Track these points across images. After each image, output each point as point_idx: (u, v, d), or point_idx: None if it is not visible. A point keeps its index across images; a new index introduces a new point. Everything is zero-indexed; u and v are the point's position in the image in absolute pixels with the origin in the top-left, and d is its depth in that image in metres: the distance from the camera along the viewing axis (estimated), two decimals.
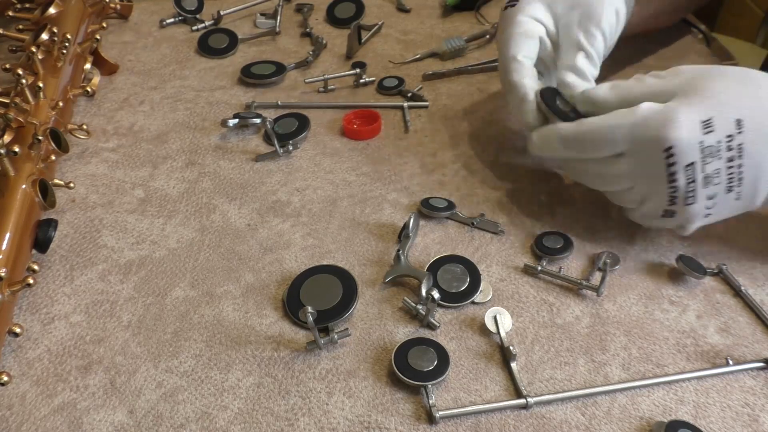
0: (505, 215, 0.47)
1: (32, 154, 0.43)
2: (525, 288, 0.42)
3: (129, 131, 0.55)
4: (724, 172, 0.38)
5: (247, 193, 0.49)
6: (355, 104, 0.57)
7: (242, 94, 0.59)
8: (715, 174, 0.38)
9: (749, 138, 0.37)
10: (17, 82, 0.46)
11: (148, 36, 0.67)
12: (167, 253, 0.44)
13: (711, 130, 0.37)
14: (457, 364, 0.38)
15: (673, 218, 0.41)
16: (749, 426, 0.35)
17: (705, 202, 0.39)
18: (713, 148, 0.37)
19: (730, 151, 0.37)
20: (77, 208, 0.47)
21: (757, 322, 0.40)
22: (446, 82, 0.61)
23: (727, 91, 0.38)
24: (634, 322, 0.40)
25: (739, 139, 0.37)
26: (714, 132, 0.37)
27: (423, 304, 0.40)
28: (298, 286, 0.41)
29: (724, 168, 0.38)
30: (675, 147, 0.37)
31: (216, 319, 0.40)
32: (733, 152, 0.37)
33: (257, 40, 0.67)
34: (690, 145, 0.37)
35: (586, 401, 0.36)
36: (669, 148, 0.37)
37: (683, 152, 0.37)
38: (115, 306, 0.41)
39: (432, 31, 0.68)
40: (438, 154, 0.52)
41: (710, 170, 0.38)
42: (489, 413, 0.35)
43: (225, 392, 0.36)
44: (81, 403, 0.36)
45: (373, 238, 0.45)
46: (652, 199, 0.40)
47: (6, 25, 0.59)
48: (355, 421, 0.35)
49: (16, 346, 0.38)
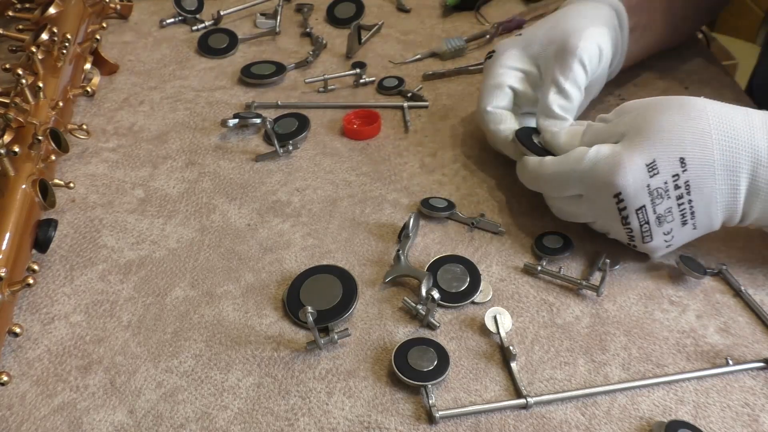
0: (505, 215, 0.47)
1: (32, 154, 0.43)
2: (525, 288, 0.42)
3: (129, 131, 0.55)
4: (675, 209, 0.39)
5: (247, 193, 0.49)
6: (355, 104, 0.57)
7: (242, 94, 0.59)
8: (667, 213, 0.39)
9: (694, 174, 0.38)
10: (17, 82, 0.46)
11: (148, 36, 0.67)
12: (167, 253, 0.44)
13: (656, 172, 0.38)
14: (457, 364, 0.38)
15: (637, 248, 0.42)
16: (749, 426, 0.35)
17: (662, 237, 0.40)
18: (661, 190, 0.38)
19: (678, 189, 0.38)
20: (77, 208, 0.47)
21: (756, 322, 0.40)
22: (446, 82, 0.61)
23: (670, 128, 0.38)
24: (634, 322, 0.40)
25: (685, 177, 0.38)
26: (659, 174, 0.38)
27: (423, 304, 0.40)
28: (298, 286, 0.41)
29: (675, 206, 0.39)
30: (623, 193, 0.38)
31: (216, 319, 0.40)
32: (681, 190, 0.38)
33: (257, 40, 0.67)
34: (637, 190, 0.38)
35: (586, 401, 0.36)
36: (618, 194, 0.39)
37: (631, 197, 0.38)
38: (115, 306, 0.41)
39: (432, 31, 0.68)
40: (438, 154, 0.52)
41: (661, 210, 0.39)
42: (489, 413, 0.35)
43: (225, 392, 0.36)
44: (81, 403, 0.36)
45: (373, 238, 0.45)
46: (616, 234, 0.42)
47: (6, 25, 0.59)
48: (355, 421, 0.35)
49: (16, 346, 0.38)
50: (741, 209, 0.39)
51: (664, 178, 0.38)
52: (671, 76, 0.44)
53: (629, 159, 0.38)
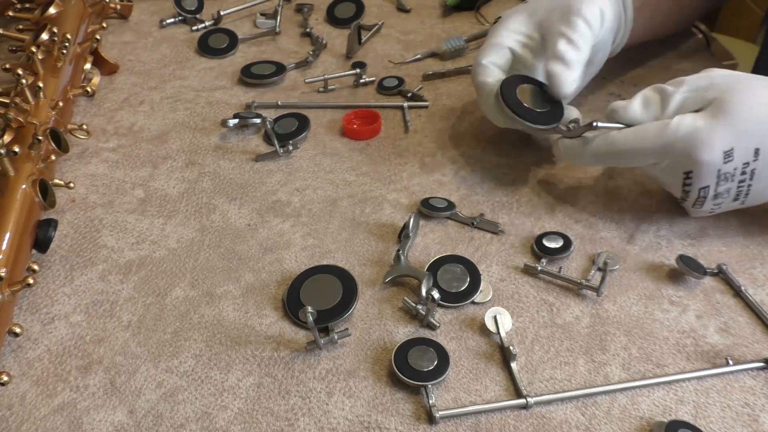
0: (504, 215, 0.47)
1: (32, 154, 0.43)
2: (525, 288, 0.42)
3: (129, 131, 0.55)
4: (733, 190, 0.41)
5: (247, 193, 0.49)
6: (355, 104, 0.57)
7: (242, 94, 0.59)
8: (726, 192, 0.41)
9: (762, 165, 0.40)
10: (17, 82, 0.46)
11: (148, 36, 0.67)
12: (167, 253, 0.44)
13: (731, 159, 0.40)
14: (457, 364, 0.38)
15: (682, 206, 0.44)
16: (749, 426, 0.35)
17: (711, 206, 0.43)
18: (729, 174, 0.40)
19: (743, 176, 0.40)
20: (77, 208, 0.47)
21: (757, 322, 0.40)
22: (446, 82, 0.61)
23: (752, 115, 0.39)
24: (634, 322, 0.40)
25: (753, 165, 0.40)
26: (733, 161, 0.40)
27: (423, 304, 0.40)
28: (298, 286, 0.41)
29: (735, 187, 0.41)
30: (694, 172, 0.41)
31: (216, 319, 0.40)
32: (746, 176, 0.40)
33: (257, 40, 0.67)
34: (709, 173, 0.40)
35: (586, 401, 0.36)
36: (689, 172, 0.41)
37: (701, 177, 0.41)
38: (115, 306, 0.41)
39: (432, 31, 0.68)
40: (438, 154, 0.52)
41: (722, 189, 0.41)
42: (489, 413, 0.35)
43: (225, 392, 0.36)
44: (81, 403, 0.36)
45: (373, 238, 0.45)
46: (668, 189, 0.45)
47: (6, 25, 0.59)
48: (355, 421, 0.35)
49: (16, 346, 0.38)
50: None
51: (735, 165, 0.40)
52: (671, 76, 0.44)
53: (710, 142, 0.39)
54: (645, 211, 0.47)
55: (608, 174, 0.50)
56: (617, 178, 0.50)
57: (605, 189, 0.49)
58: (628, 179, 0.50)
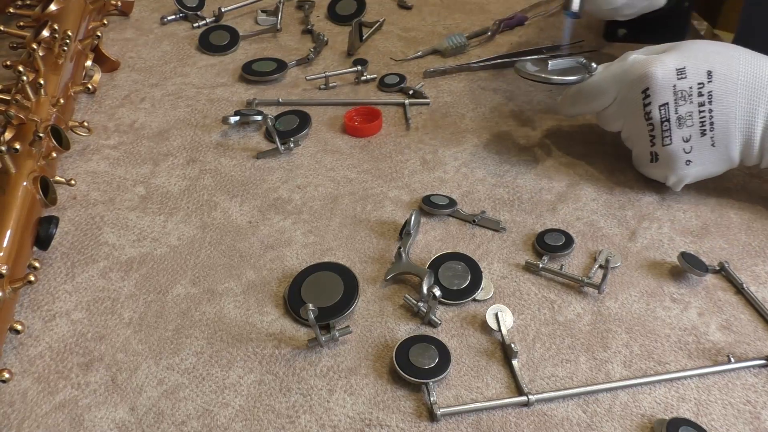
0: (506, 213, 0.47)
1: (33, 151, 0.43)
2: (526, 285, 0.42)
3: (130, 128, 0.55)
4: (696, 115, 0.44)
5: (249, 190, 0.49)
6: (357, 101, 0.57)
7: (243, 91, 0.59)
8: (687, 116, 0.44)
9: (718, 87, 0.43)
10: (18, 79, 0.46)
11: (149, 33, 0.67)
12: (168, 250, 0.44)
13: (684, 76, 0.43)
14: (458, 361, 0.38)
15: (659, 163, 0.46)
16: (751, 423, 0.35)
17: (682, 144, 0.45)
18: (685, 93, 0.43)
19: (701, 97, 0.43)
20: (78, 205, 0.47)
21: (758, 320, 0.40)
22: (447, 79, 0.61)
23: (702, 48, 0.44)
24: (636, 320, 0.40)
25: (709, 87, 0.43)
26: (686, 78, 0.43)
27: (424, 302, 0.40)
28: (299, 284, 0.41)
29: (696, 111, 0.43)
30: (650, 88, 0.44)
31: (217, 316, 0.40)
32: (704, 98, 0.43)
33: (258, 37, 0.67)
34: (663, 87, 0.43)
35: (587, 399, 0.36)
36: (646, 89, 0.44)
37: (657, 92, 0.44)
38: (116, 303, 0.41)
39: (433, 28, 0.68)
40: (439, 152, 0.52)
41: (683, 112, 0.44)
42: (490, 411, 0.35)
43: (226, 389, 0.36)
44: (82, 400, 0.36)
45: (375, 236, 0.45)
46: (638, 143, 0.47)
47: (7, 22, 0.59)
48: (357, 419, 0.35)
49: (17, 343, 0.38)
50: (758, 143, 0.43)
51: (689, 83, 0.43)
52: None
53: (662, 60, 0.44)
54: (647, 209, 0.47)
55: (609, 171, 0.50)
56: (618, 175, 0.50)
57: (607, 186, 0.49)
58: (629, 176, 0.49)
